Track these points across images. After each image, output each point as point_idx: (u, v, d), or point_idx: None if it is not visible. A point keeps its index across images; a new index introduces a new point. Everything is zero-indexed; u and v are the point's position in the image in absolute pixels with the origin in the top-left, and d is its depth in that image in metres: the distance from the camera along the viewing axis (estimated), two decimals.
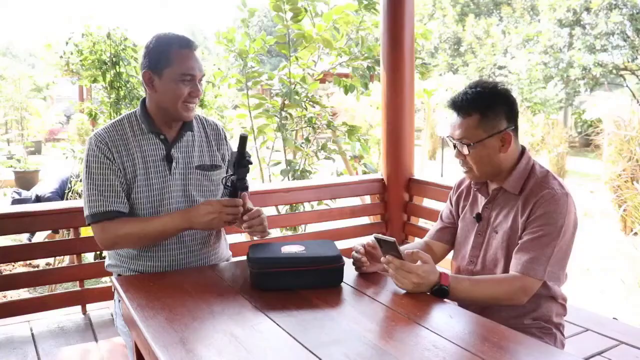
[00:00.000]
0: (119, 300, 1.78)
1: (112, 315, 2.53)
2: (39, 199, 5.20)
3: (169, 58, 1.70)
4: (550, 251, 1.57)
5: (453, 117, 1.67)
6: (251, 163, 1.73)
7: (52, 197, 5.18)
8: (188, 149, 1.83)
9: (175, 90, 1.71)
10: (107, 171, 1.71)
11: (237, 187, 1.71)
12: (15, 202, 5.37)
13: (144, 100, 1.82)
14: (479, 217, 1.75)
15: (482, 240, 1.73)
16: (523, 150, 1.70)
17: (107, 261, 1.91)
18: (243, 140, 1.67)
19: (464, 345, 1.19)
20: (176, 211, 1.75)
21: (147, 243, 1.76)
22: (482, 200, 1.77)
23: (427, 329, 1.27)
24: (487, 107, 1.61)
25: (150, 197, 1.76)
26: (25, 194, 5.49)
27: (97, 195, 1.70)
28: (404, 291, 1.50)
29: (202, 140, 1.88)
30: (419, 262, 1.52)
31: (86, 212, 1.72)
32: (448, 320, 1.34)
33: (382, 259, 1.53)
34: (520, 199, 1.64)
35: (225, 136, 1.96)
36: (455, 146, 1.68)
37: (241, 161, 1.69)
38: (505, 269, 1.65)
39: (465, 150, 1.63)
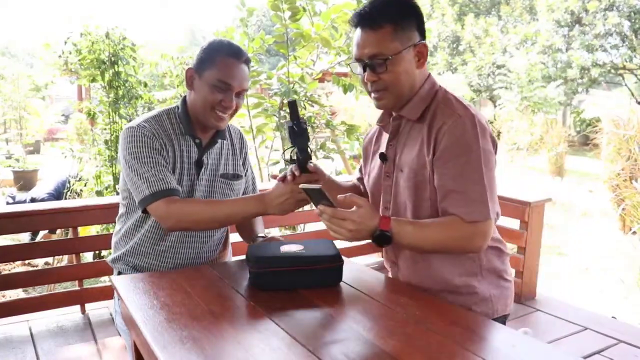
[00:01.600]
0: (119, 299, 1.78)
1: (111, 315, 2.53)
2: (33, 202, 5.18)
3: (214, 61, 1.68)
4: (481, 187, 1.39)
5: (360, 34, 1.47)
6: (306, 129, 1.60)
7: (48, 199, 5.17)
8: (217, 157, 1.83)
9: (208, 95, 1.68)
10: (159, 157, 1.68)
11: (301, 159, 1.62)
12: (7, 205, 5.36)
13: (184, 99, 1.79)
14: (383, 157, 1.58)
15: (390, 183, 1.57)
16: (428, 75, 1.54)
17: (110, 255, 1.89)
18: (293, 106, 1.58)
19: (463, 344, 1.20)
20: (250, 195, 1.76)
21: (213, 226, 1.74)
22: (386, 138, 1.61)
23: (427, 328, 1.27)
24: (399, 17, 1.44)
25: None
26: (19, 197, 5.48)
27: (155, 175, 1.64)
28: (403, 291, 1.49)
29: (229, 148, 1.87)
30: (354, 208, 1.37)
31: (145, 193, 1.63)
32: (447, 320, 1.34)
33: (315, 210, 1.41)
34: (424, 129, 1.47)
35: (247, 144, 1.96)
36: (365, 68, 1.47)
37: (297, 129, 1.57)
38: (415, 214, 1.48)
39: (381, 68, 1.44)
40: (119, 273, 1.83)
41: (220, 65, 1.67)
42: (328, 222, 1.38)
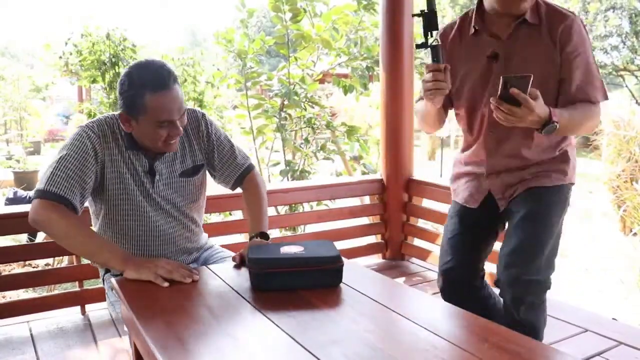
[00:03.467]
0: (114, 300, 1.79)
1: (111, 316, 2.53)
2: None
3: (144, 105, 1.60)
4: (598, 74, 1.68)
5: None
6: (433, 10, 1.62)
7: None
8: (171, 159, 1.80)
9: (154, 135, 1.65)
10: (86, 166, 1.64)
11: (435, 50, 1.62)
12: (8, 200, 5.36)
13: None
14: (495, 56, 1.70)
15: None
16: None
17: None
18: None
19: (464, 345, 1.19)
20: (115, 248, 1.67)
21: (72, 249, 1.72)
22: (489, 40, 1.74)
23: (427, 329, 1.27)
24: None
25: (133, 206, 1.75)
26: (20, 193, 5.48)
27: (63, 178, 1.60)
28: (403, 291, 1.49)
29: (183, 142, 1.83)
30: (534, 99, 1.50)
31: (41, 186, 1.61)
32: (447, 321, 1.34)
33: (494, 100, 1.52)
34: (543, 30, 1.67)
35: (206, 124, 1.89)
36: None
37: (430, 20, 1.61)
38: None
39: None
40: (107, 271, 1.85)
41: (152, 108, 1.60)
42: (511, 114, 1.50)
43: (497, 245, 2.50)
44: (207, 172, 1.95)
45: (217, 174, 1.96)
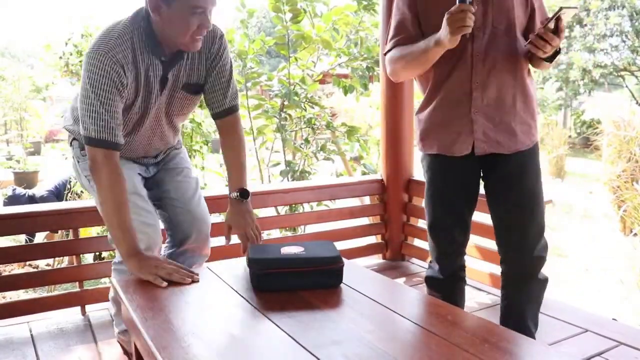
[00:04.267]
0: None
1: (111, 317, 2.53)
2: (32, 199, 5.19)
3: None
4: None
5: None
6: None
7: (48, 197, 5.17)
8: (181, 69, 1.80)
9: (185, 23, 1.61)
10: (115, 93, 1.66)
11: None
12: (7, 199, 5.37)
13: (147, 18, 1.68)
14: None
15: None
16: None
17: (66, 122, 1.93)
18: None
19: (464, 346, 1.19)
20: (133, 242, 1.68)
21: (101, 211, 1.73)
22: None
23: (427, 330, 1.27)
24: None
25: (137, 116, 1.79)
26: (19, 191, 5.48)
27: (107, 122, 1.65)
28: (403, 291, 1.49)
29: (195, 56, 1.82)
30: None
31: (92, 135, 1.65)
32: (447, 321, 1.34)
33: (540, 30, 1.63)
34: None
35: (220, 45, 1.87)
36: None
37: None
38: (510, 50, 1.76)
39: None
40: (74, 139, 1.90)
41: None
42: (548, 39, 1.63)
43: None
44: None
45: (205, 95, 1.95)
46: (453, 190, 1.91)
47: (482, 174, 1.91)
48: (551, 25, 1.62)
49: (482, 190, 1.95)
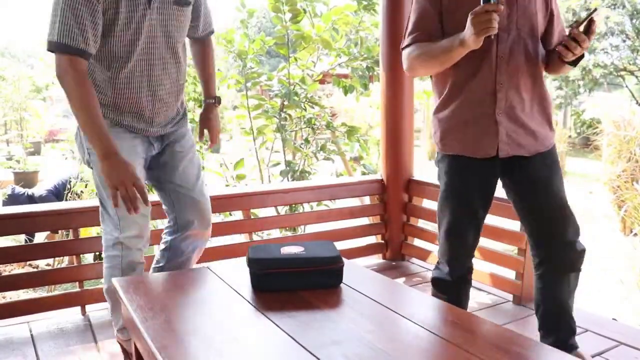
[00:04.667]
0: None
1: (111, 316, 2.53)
2: (31, 198, 5.19)
3: None
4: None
5: None
6: None
7: (47, 196, 5.17)
8: None
9: None
10: (87, 6, 1.65)
11: None
12: (7, 197, 5.37)
13: None
14: None
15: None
16: None
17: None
18: None
19: (464, 346, 1.19)
20: (109, 145, 1.70)
21: (75, 114, 1.73)
22: None
23: (427, 330, 1.27)
24: None
25: (128, 34, 1.76)
26: (18, 190, 5.48)
27: (72, 25, 1.64)
28: (403, 291, 1.50)
29: None
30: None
31: (55, 39, 1.65)
32: (448, 322, 1.34)
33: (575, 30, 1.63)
34: None
35: None
36: None
37: None
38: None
39: None
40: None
41: None
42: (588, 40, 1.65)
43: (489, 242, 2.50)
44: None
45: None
46: (472, 192, 1.90)
47: (500, 176, 1.91)
48: (582, 27, 1.62)
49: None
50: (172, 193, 2.02)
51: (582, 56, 1.71)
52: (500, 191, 1.98)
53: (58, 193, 5.28)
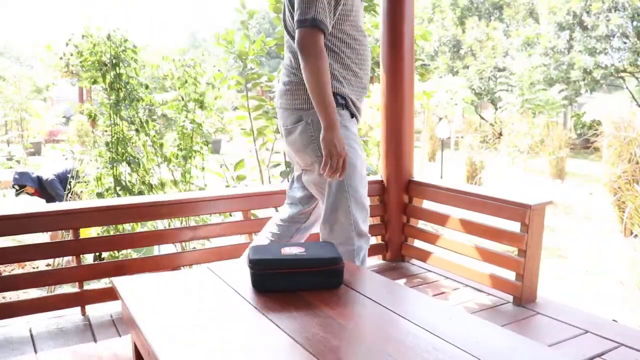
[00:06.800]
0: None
1: (111, 317, 2.53)
2: (39, 179, 5.34)
3: None
4: None
5: None
6: None
7: (53, 181, 5.31)
8: None
9: None
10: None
11: None
12: (18, 174, 5.47)
13: None
14: None
15: None
16: None
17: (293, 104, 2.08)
18: None
19: (464, 347, 1.19)
20: (335, 116, 1.91)
21: (309, 84, 1.90)
22: None
23: (427, 331, 1.27)
24: None
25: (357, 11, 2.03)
26: (28, 169, 5.60)
27: (325, 8, 1.87)
28: (403, 292, 1.49)
29: None
30: None
31: (310, 15, 1.85)
32: (448, 323, 1.34)
33: None
34: None
35: None
36: None
37: None
38: None
39: None
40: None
41: None
42: None
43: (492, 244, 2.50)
44: None
45: None
46: None
47: None
48: None
49: (483, 192, 1.96)
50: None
51: None
52: (501, 194, 1.98)
53: (62, 180, 5.38)
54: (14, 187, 5.51)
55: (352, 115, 2.11)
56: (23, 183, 5.45)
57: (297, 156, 2.14)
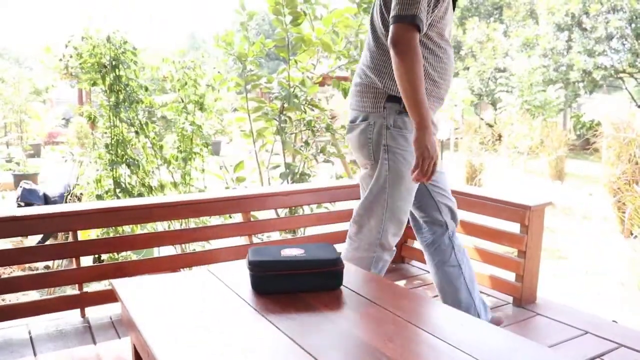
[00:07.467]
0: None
1: (111, 319, 2.53)
2: (46, 199, 5.34)
3: None
4: None
5: None
6: None
7: (56, 201, 5.31)
8: None
9: None
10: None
11: None
12: (27, 191, 5.46)
13: None
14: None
15: None
16: None
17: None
18: None
19: (463, 348, 1.19)
20: (429, 115, 1.87)
21: (402, 81, 1.84)
22: None
23: (427, 332, 1.27)
24: None
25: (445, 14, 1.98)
26: (34, 186, 5.59)
27: (424, 8, 1.84)
28: (403, 293, 1.49)
29: None
30: None
31: (410, 12, 1.81)
32: (447, 324, 1.34)
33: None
34: None
35: None
36: None
37: None
38: None
39: None
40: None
41: None
42: None
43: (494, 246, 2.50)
44: None
45: None
46: None
47: None
48: None
49: (483, 193, 1.96)
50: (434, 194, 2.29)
51: None
52: (500, 195, 1.98)
53: (63, 199, 5.40)
54: (19, 204, 5.51)
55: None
56: (30, 201, 5.46)
57: (355, 153, 2.13)
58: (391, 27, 1.84)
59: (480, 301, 2.24)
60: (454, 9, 2.05)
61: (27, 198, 5.48)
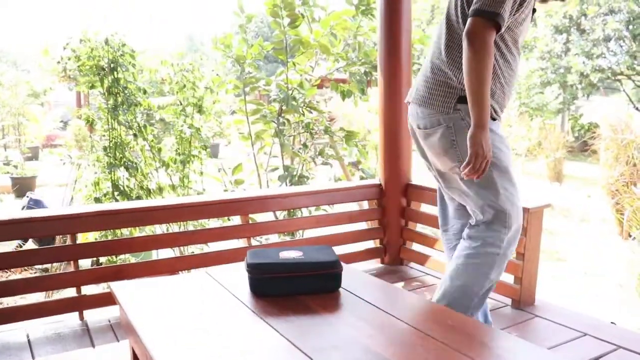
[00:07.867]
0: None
1: (109, 322, 2.53)
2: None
3: None
4: None
5: None
6: None
7: None
8: None
9: None
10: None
11: None
12: (34, 202, 5.46)
13: None
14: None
15: None
16: None
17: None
18: None
19: (463, 350, 1.19)
20: (487, 116, 1.81)
21: (469, 77, 1.79)
22: None
23: (426, 334, 1.27)
24: None
25: (522, 26, 1.96)
26: (38, 197, 5.58)
27: (508, 6, 1.79)
28: (402, 295, 1.49)
29: None
30: None
31: (496, 9, 1.77)
32: (447, 326, 1.34)
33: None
34: None
35: None
36: None
37: None
38: None
39: None
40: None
41: None
42: None
43: None
44: None
45: None
46: None
47: None
48: None
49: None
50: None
51: None
52: None
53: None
54: None
55: (494, 119, 1.98)
56: None
57: (437, 160, 2.04)
58: (470, 20, 1.80)
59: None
60: (531, 20, 2.01)
61: (34, 209, 5.48)
